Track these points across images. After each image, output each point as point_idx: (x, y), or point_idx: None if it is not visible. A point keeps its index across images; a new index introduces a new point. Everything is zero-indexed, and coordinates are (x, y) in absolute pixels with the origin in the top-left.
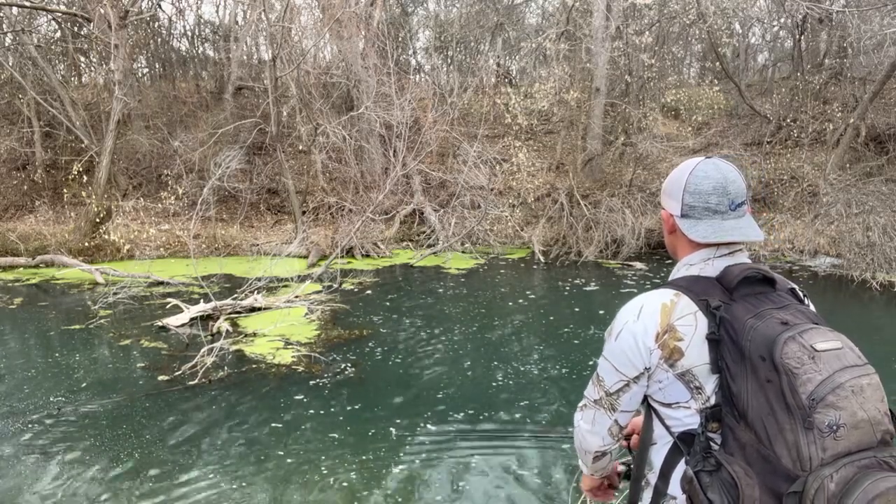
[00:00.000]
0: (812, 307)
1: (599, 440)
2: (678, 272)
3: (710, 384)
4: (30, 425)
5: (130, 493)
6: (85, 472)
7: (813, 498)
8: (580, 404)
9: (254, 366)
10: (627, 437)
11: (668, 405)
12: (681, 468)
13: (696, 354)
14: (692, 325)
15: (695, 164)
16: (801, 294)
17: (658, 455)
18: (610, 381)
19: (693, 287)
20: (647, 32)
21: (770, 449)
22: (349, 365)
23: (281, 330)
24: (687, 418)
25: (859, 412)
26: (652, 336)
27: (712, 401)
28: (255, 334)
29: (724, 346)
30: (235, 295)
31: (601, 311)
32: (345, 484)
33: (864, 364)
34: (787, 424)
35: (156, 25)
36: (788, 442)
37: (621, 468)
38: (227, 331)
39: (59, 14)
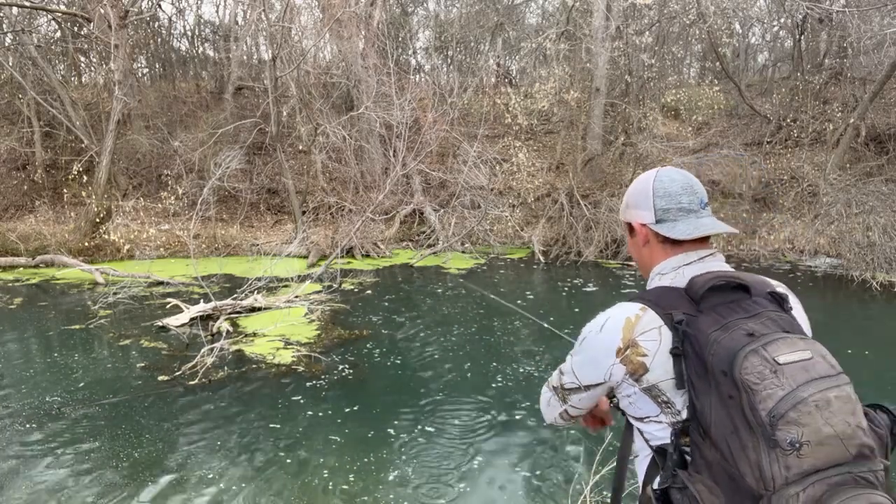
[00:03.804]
0: (798, 310)
1: (552, 418)
2: (651, 283)
3: (679, 399)
4: (29, 425)
5: (129, 493)
6: (84, 472)
7: None
8: (548, 379)
9: (254, 366)
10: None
11: (640, 419)
12: (658, 482)
13: (662, 369)
14: (656, 339)
15: (655, 173)
16: (782, 296)
17: (641, 467)
18: (567, 378)
19: (660, 300)
20: (647, 32)
21: (734, 467)
22: (349, 365)
23: (281, 330)
24: (659, 432)
25: (824, 428)
26: (613, 351)
27: (683, 415)
28: (255, 334)
29: (688, 361)
30: (235, 295)
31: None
32: (344, 486)
33: (837, 374)
34: (749, 442)
35: (156, 25)
36: (751, 460)
37: (607, 406)
38: (227, 331)
39: (59, 14)
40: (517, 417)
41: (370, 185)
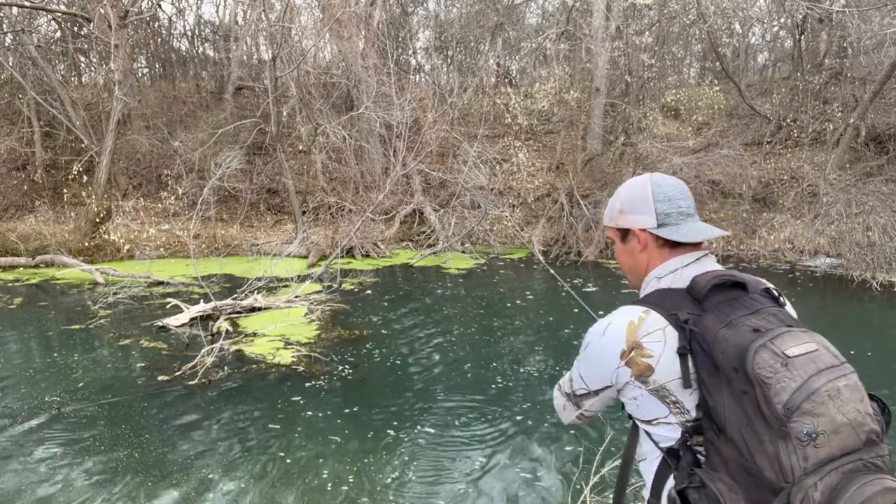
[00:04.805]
0: (789, 306)
1: (568, 420)
2: (648, 287)
3: (688, 399)
4: (29, 425)
5: (129, 493)
6: (84, 472)
7: None
8: (559, 382)
9: (254, 366)
10: None
11: (648, 422)
12: (671, 483)
13: (667, 370)
14: (661, 340)
15: (649, 178)
16: (776, 293)
17: (649, 470)
18: (576, 384)
19: (663, 302)
20: (647, 32)
21: (752, 462)
22: (349, 365)
23: (281, 330)
24: (670, 433)
25: (838, 417)
26: (616, 354)
27: (693, 414)
28: (255, 334)
29: (697, 359)
30: (235, 295)
31: (601, 312)
32: (344, 487)
33: (841, 364)
34: (766, 436)
35: (156, 25)
36: (769, 454)
37: None
38: (227, 331)
39: (59, 14)
40: (517, 418)
41: (370, 185)
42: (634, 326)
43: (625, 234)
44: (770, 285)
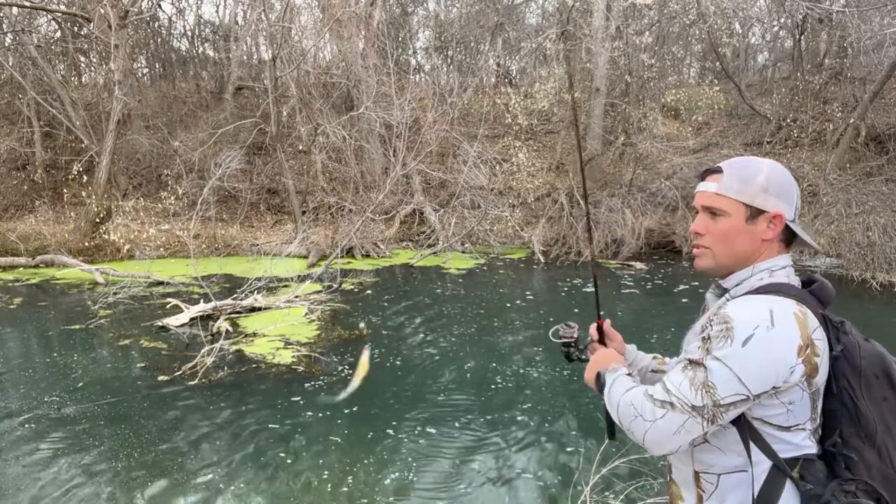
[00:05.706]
0: None
1: (676, 446)
2: (755, 279)
3: (820, 403)
4: (29, 425)
5: (129, 493)
6: (84, 472)
7: None
8: (663, 399)
9: (253, 366)
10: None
11: (787, 428)
12: (788, 496)
13: (824, 372)
14: (823, 339)
15: (782, 166)
16: None
17: (754, 483)
18: (726, 391)
19: (805, 298)
20: (647, 32)
21: (891, 467)
22: (349, 365)
23: (281, 330)
24: (803, 441)
25: None
26: (794, 349)
27: (818, 420)
28: (255, 334)
29: (842, 363)
30: (235, 295)
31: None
32: (344, 488)
33: None
34: None
35: (156, 25)
36: None
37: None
38: (227, 331)
39: (59, 14)
40: (518, 418)
41: (370, 185)
42: (801, 320)
43: (755, 213)
44: None
